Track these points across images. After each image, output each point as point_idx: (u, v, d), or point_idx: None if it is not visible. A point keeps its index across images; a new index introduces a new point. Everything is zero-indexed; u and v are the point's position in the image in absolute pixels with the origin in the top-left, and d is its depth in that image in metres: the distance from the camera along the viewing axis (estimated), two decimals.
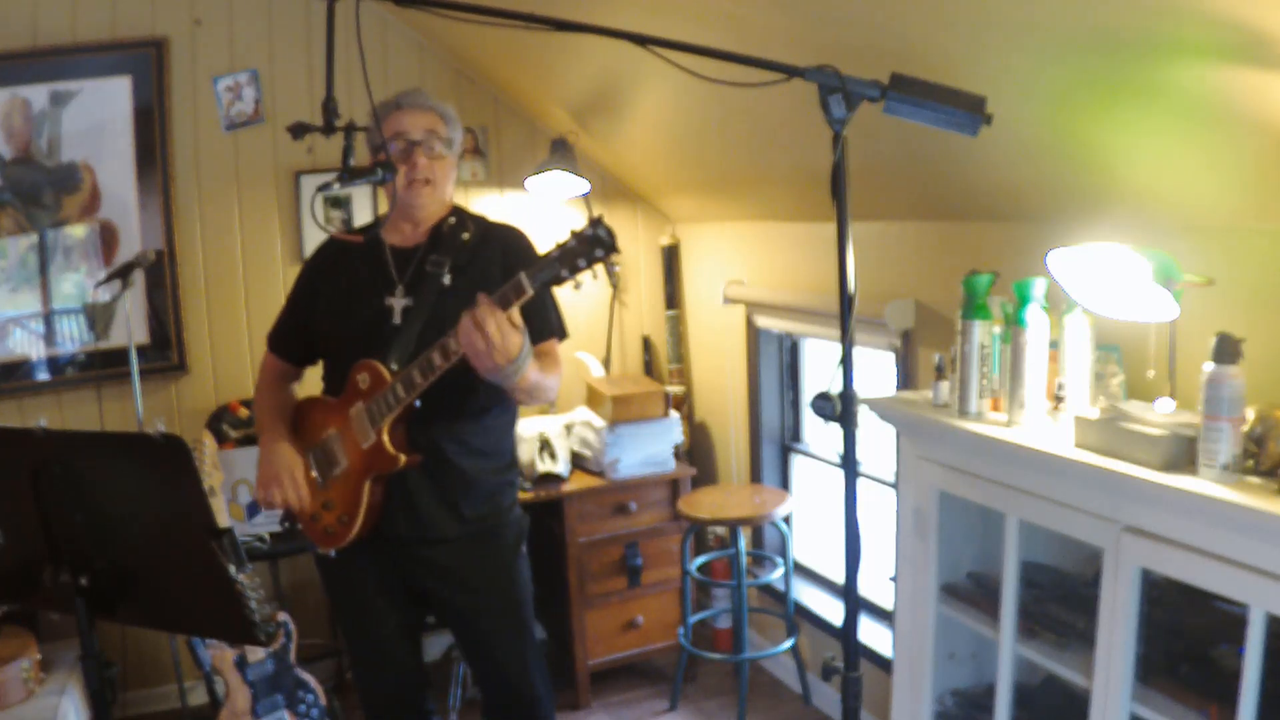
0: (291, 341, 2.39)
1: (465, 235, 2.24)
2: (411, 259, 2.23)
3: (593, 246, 1.82)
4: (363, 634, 2.34)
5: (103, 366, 3.45)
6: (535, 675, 2.34)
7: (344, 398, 2.19)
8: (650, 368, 4.22)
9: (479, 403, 2.21)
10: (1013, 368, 2.07)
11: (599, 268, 1.87)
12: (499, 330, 1.88)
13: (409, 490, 2.19)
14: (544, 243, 2.07)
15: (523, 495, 3.13)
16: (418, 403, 2.10)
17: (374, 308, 2.20)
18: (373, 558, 2.25)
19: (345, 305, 2.24)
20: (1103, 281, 1.92)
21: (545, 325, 2.23)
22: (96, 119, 3.40)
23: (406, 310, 2.18)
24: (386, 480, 2.17)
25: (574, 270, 1.84)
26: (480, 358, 1.91)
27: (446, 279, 2.19)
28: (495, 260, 2.23)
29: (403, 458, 2.12)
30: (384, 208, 3.70)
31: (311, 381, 2.42)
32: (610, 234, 1.82)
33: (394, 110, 2.20)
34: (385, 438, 2.12)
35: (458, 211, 2.31)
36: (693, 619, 3.60)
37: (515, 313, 1.92)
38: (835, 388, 1.56)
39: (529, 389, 2.07)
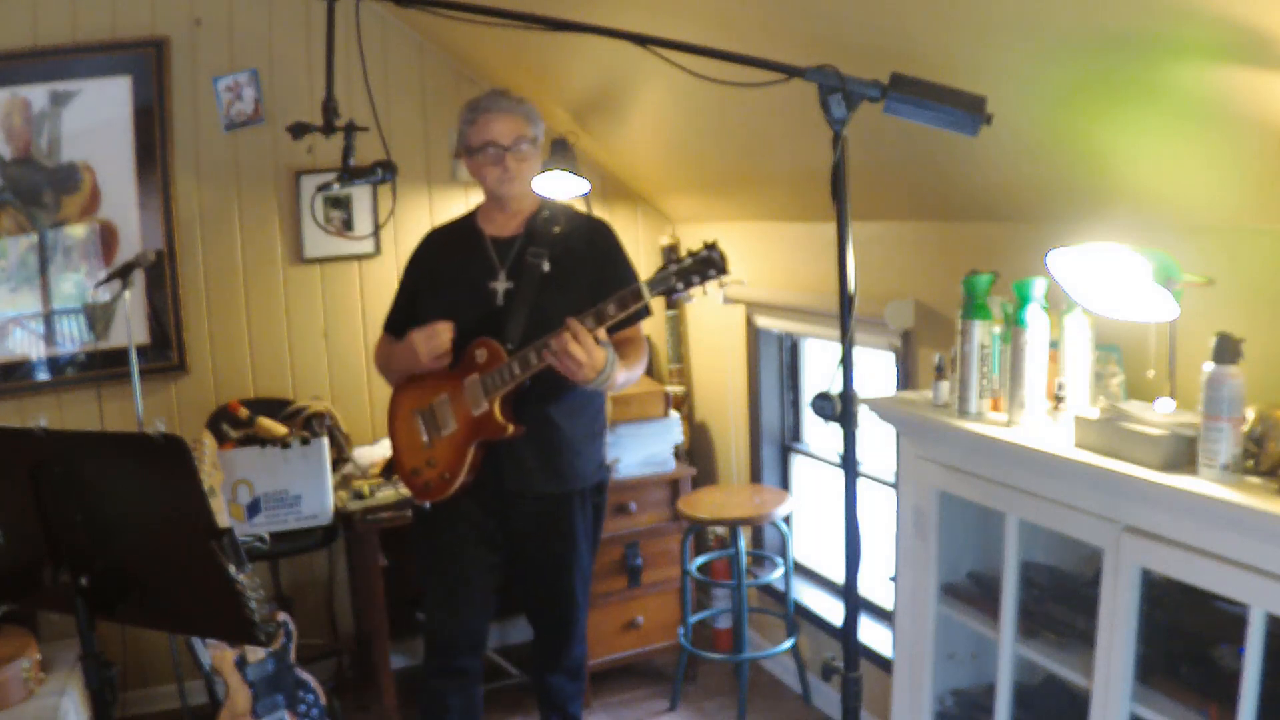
0: (406, 323, 2.58)
1: (557, 228, 2.51)
2: (510, 247, 2.51)
3: (707, 267, 2.13)
4: (452, 574, 2.55)
5: (103, 366, 3.45)
6: (581, 601, 2.64)
7: (459, 368, 2.44)
8: (650, 368, 4.22)
9: None
10: (1013, 368, 2.07)
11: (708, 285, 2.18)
12: (586, 351, 2.21)
13: (517, 452, 2.44)
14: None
15: None
16: (528, 380, 2.35)
17: (479, 290, 2.48)
18: (474, 506, 2.50)
19: (454, 288, 2.51)
20: (1103, 281, 1.92)
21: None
22: (96, 119, 3.40)
23: (508, 293, 2.46)
24: (489, 445, 2.42)
25: (688, 285, 2.14)
26: (573, 375, 2.25)
27: (546, 267, 2.46)
28: (585, 249, 2.52)
29: (510, 427, 2.38)
30: (384, 207, 3.71)
31: None
32: (723, 258, 2.13)
33: (483, 114, 2.45)
34: (496, 408, 2.37)
35: (548, 204, 2.59)
36: (693, 619, 3.60)
37: (601, 330, 2.24)
38: (835, 388, 1.56)
39: (618, 387, 2.41)
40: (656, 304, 4.18)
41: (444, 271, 2.57)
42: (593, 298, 2.32)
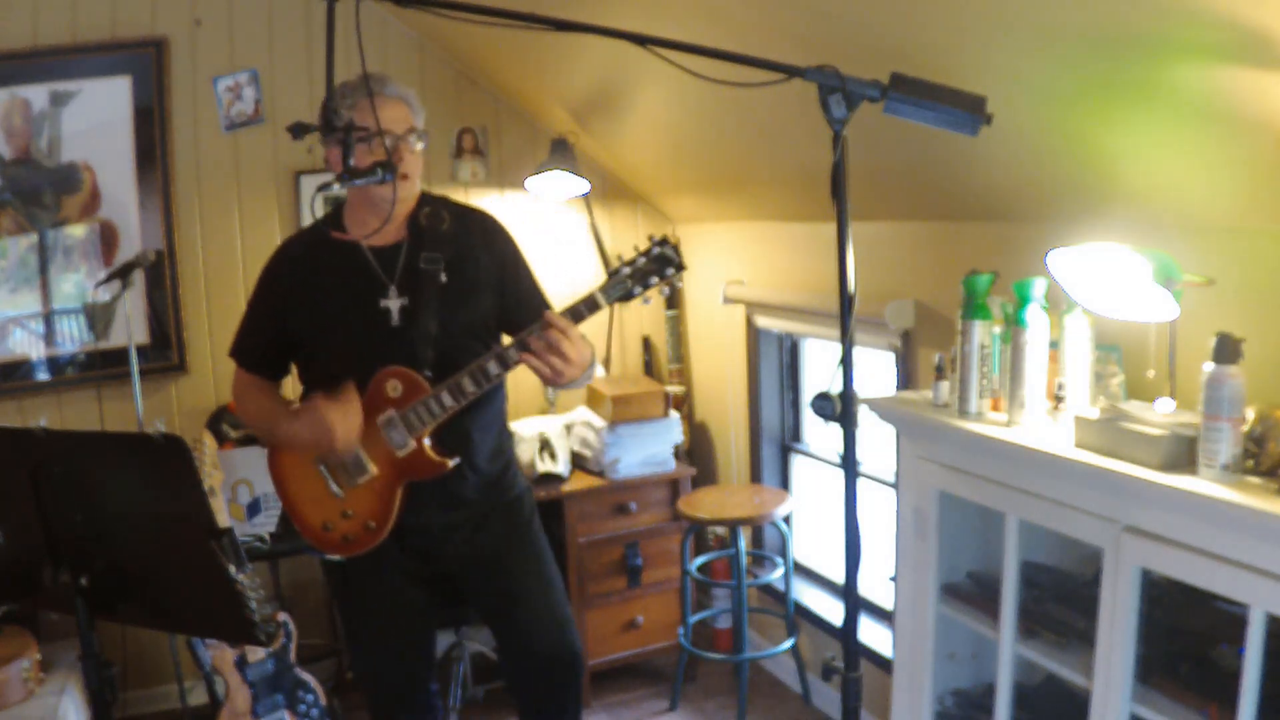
0: (264, 355, 2.30)
1: (444, 226, 2.20)
2: (395, 256, 2.18)
3: (664, 265, 1.99)
4: (380, 620, 2.30)
5: (103, 366, 3.44)
6: (572, 632, 2.33)
7: (366, 404, 2.12)
8: (650, 368, 4.22)
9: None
10: (1013, 368, 2.07)
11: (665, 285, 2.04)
12: (575, 347, 2.00)
13: (443, 481, 2.16)
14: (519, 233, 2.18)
15: None
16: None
17: (368, 311, 2.15)
18: (398, 549, 2.22)
19: (334, 311, 2.17)
20: (1103, 281, 1.92)
21: (545, 307, 2.27)
22: (96, 119, 3.40)
23: (404, 310, 2.14)
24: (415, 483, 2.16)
25: (645, 286, 2.00)
26: (560, 376, 2.02)
27: (443, 276, 2.15)
28: (480, 249, 2.23)
29: (448, 463, 2.13)
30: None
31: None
32: (677, 252, 1.99)
33: (369, 99, 2.07)
34: (426, 445, 2.12)
35: (427, 199, 2.26)
36: (693, 619, 3.60)
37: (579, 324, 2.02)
38: (835, 388, 1.56)
39: (581, 382, 2.20)
40: (657, 305, 4.21)
41: (318, 291, 2.18)
42: (499, 305, 2.14)
